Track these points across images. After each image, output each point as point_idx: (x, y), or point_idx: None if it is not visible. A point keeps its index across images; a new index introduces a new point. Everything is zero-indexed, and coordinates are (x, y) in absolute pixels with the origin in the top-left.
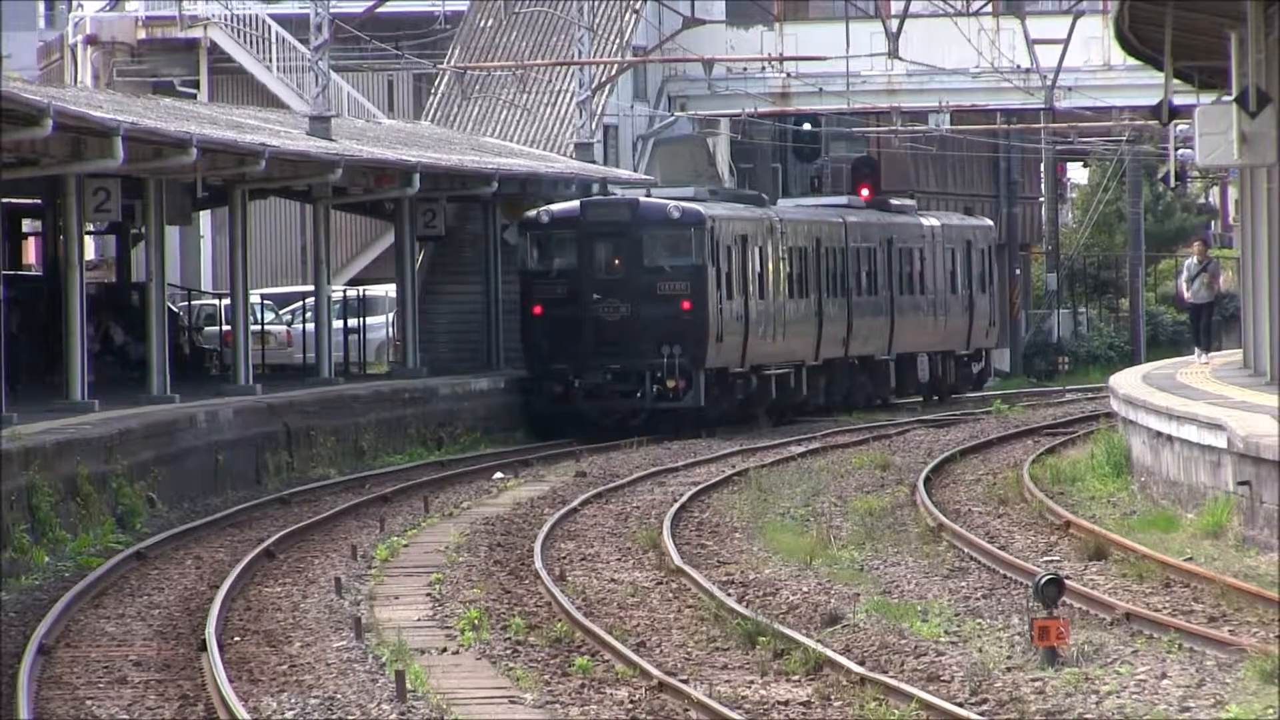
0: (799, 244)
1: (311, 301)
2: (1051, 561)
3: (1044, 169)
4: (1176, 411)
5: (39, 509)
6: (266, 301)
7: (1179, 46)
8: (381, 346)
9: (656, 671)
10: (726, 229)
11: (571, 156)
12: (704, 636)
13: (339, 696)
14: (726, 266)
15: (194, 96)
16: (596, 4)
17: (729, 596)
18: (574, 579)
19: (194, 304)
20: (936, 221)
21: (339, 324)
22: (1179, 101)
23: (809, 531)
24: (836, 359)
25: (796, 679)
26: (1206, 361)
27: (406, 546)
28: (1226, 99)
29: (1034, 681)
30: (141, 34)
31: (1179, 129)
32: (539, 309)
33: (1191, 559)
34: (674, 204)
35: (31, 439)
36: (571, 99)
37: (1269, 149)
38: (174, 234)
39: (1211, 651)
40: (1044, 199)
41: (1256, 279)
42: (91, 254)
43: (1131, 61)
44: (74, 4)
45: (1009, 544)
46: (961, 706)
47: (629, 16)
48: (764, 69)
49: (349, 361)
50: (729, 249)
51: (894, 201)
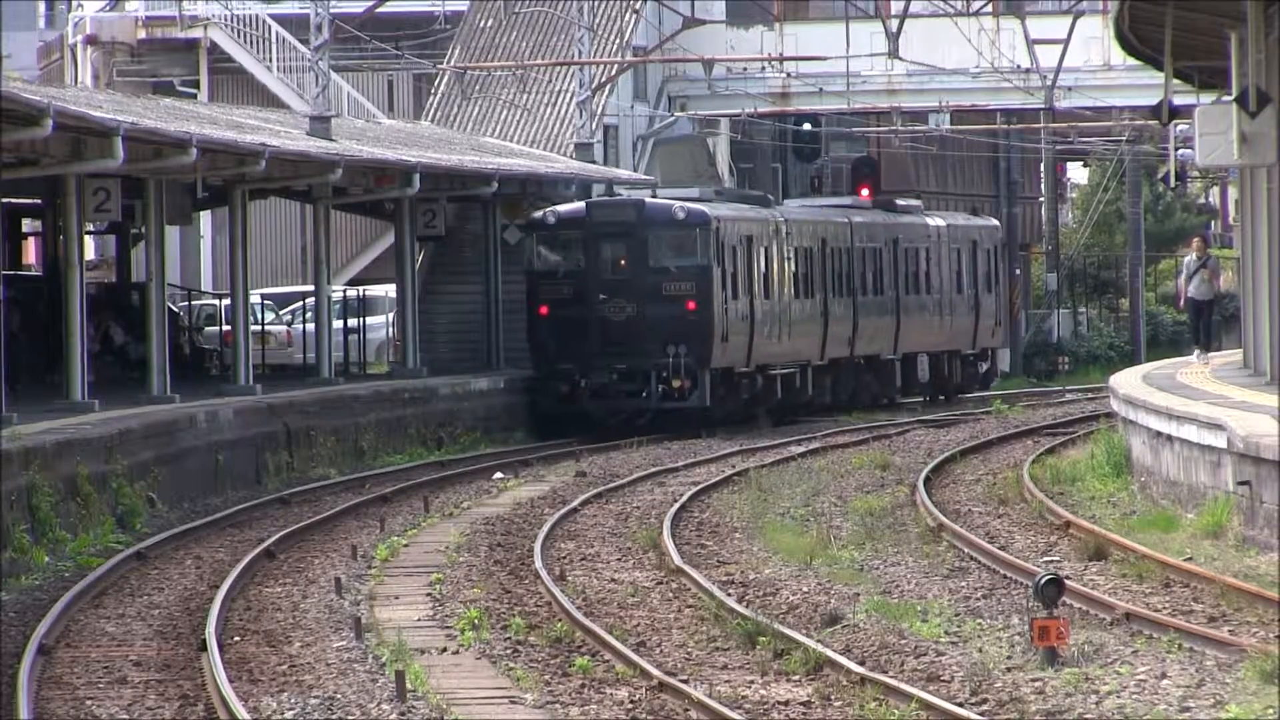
0: (804, 244)
1: (311, 301)
2: (1051, 561)
3: (1044, 169)
4: (1176, 411)
5: (39, 509)
6: (266, 301)
7: (1179, 46)
8: (381, 346)
9: (656, 671)
10: (732, 229)
11: (571, 157)
12: (704, 636)
13: (339, 696)
14: (732, 267)
15: (194, 96)
16: (596, 4)
17: (729, 596)
18: (574, 579)
19: (194, 304)
20: (942, 221)
21: (339, 324)
22: (1179, 101)
23: (809, 531)
24: (842, 359)
25: (796, 679)
26: (1206, 361)
27: (406, 546)
28: (1226, 99)
29: (1034, 681)
30: (141, 34)
31: (1179, 129)
32: (545, 309)
33: (1191, 559)
34: (679, 205)
35: (31, 439)
36: (571, 99)
37: (1269, 149)
38: (174, 234)
39: (1211, 651)
40: (1044, 199)
41: (1256, 279)
42: (91, 254)
43: (1131, 61)
44: (74, 4)
45: (1009, 544)
46: (961, 706)
47: (629, 16)
48: (764, 69)
49: (349, 361)
50: (734, 249)
51: (900, 202)
